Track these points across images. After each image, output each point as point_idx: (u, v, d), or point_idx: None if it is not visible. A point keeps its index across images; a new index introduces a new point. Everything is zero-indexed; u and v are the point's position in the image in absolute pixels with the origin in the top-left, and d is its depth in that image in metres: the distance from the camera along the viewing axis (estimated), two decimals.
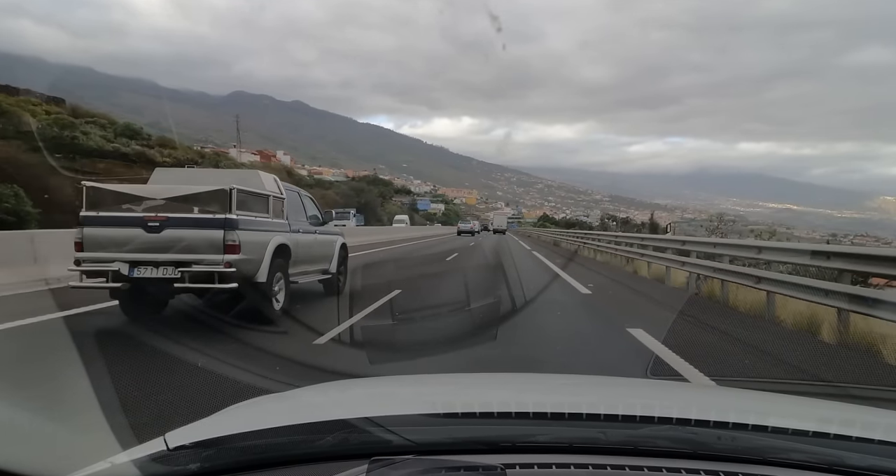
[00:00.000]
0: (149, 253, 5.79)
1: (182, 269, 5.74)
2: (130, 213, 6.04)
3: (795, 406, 1.79)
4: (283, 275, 6.85)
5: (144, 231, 5.80)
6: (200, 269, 5.77)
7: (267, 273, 6.32)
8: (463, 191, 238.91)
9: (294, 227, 7.41)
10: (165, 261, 5.77)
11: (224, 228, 5.81)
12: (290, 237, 7.11)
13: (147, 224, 5.81)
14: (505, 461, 1.08)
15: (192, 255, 5.80)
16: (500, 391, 1.82)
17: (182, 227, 5.87)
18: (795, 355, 5.43)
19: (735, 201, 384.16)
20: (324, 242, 8.48)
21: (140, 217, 5.91)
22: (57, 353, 4.84)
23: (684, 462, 1.11)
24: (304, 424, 1.25)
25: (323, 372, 4.35)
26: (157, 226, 5.79)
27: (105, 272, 5.81)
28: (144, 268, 5.80)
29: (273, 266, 6.47)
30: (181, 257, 5.78)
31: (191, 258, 5.79)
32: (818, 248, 7.01)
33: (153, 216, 5.86)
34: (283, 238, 6.85)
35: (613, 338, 6.19)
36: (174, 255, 5.77)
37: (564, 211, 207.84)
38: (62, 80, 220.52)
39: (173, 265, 5.77)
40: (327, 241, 8.65)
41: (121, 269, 5.75)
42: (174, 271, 5.75)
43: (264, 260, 6.31)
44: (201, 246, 5.82)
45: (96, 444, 1.95)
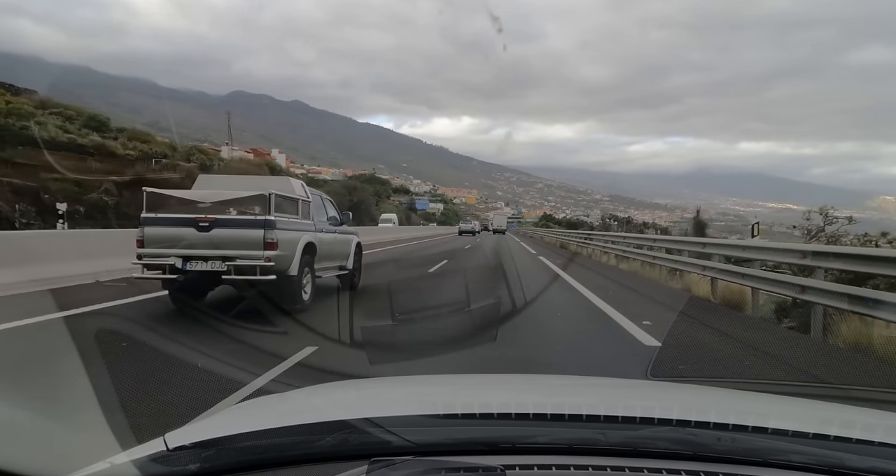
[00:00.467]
0: (199, 249, 6.62)
1: (228, 262, 6.60)
2: (184, 214, 6.80)
3: (795, 407, 1.80)
4: (310, 270, 7.65)
5: (196, 230, 6.63)
6: (244, 263, 6.62)
7: (298, 268, 7.13)
8: (463, 190, 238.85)
9: (318, 227, 8.18)
10: (214, 256, 6.63)
11: (264, 228, 6.65)
12: (316, 236, 7.88)
13: (198, 224, 6.64)
14: (504, 462, 1.08)
15: (236, 251, 6.63)
16: (499, 392, 1.82)
17: (228, 227, 6.71)
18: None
19: (735, 201, 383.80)
20: (342, 241, 9.28)
21: (192, 218, 6.70)
22: (57, 353, 4.84)
23: (684, 463, 1.11)
24: (303, 425, 1.25)
25: (323, 372, 4.35)
26: (207, 226, 6.63)
27: (162, 266, 6.68)
28: (196, 262, 6.65)
29: (302, 261, 7.27)
30: (227, 253, 6.62)
31: (236, 254, 6.63)
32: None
33: (203, 217, 6.67)
34: (310, 237, 7.64)
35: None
36: (221, 251, 6.62)
37: (564, 211, 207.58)
38: (61, 80, 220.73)
39: (220, 259, 6.62)
40: (345, 239, 9.46)
41: (175, 263, 6.61)
42: (221, 265, 6.62)
43: (296, 256, 7.13)
44: (245, 243, 6.65)
45: (96, 443, 1.95)
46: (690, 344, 5.82)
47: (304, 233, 7.49)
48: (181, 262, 6.62)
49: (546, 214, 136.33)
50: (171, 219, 6.78)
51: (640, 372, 4.61)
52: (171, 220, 6.78)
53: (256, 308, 7.12)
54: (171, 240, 6.67)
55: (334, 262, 8.92)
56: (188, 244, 6.63)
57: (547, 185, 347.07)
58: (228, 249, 6.63)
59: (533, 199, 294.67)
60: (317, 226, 8.14)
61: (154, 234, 6.72)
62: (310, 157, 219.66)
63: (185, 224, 6.68)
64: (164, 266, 6.68)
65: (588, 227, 75.17)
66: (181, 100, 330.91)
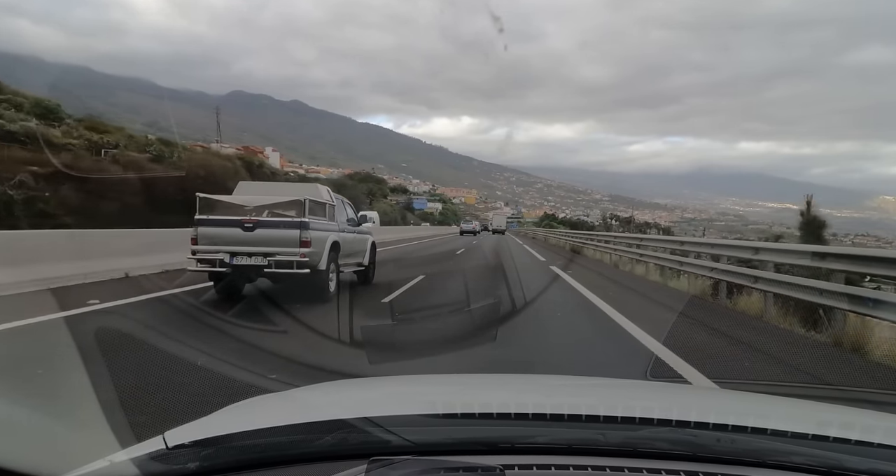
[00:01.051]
0: (244, 246, 7.64)
1: (269, 258, 7.57)
2: (231, 216, 7.84)
3: (795, 409, 1.80)
4: (335, 265, 8.62)
5: (242, 230, 7.67)
6: (283, 259, 7.58)
7: (326, 263, 8.15)
8: (462, 190, 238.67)
9: (341, 227, 9.20)
10: (257, 252, 7.64)
11: (300, 229, 7.68)
12: (340, 235, 8.90)
13: (244, 225, 7.69)
14: (504, 462, 1.08)
15: (276, 248, 7.62)
16: (499, 392, 1.82)
17: (269, 228, 7.76)
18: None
19: (735, 201, 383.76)
20: (360, 240, 10.30)
21: (238, 220, 7.76)
22: (57, 353, 4.83)
23: (683, 464, 1.11)
24: (303, 424, 1.25)
25: (322, 372, 4.35)
26: (251, 226, 7.69)
27: (213, 260, 7.63)
28: (241, 257, 7.66)
29: (329, 257, 8.27)
30: (268, 250, 7.61)
31: (276, 250, 7.61)
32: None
33: (248, 219, 7.75)
34: (336, 236, 8.68)
35: None
36: (263, 248, 7.62)
37: (564, 211, 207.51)
38: (60, 80, 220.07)
39: (262, 255, 7.60)
40: (362, 239, 10.45)
41: (224, 258, 7.60)
42: (263, 260, 7.60)
43: (324, 253, 8.13)
44: (284, 241, 7.64)
45: (95, 442, 1.95)
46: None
47: (330, 233, 8.52)
48: (229, 257, 7.62)
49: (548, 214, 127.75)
50: (220, 220, 7.84)
51: (638, 373, 4.61)
52: (220, 221, 7.84)
53: (257, 307, 7.15)
54: (221, 238, 7.70)
55: (354, 259, 9.88)
56: (234, 242, 7.66)
57: (547, 184, 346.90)
58: (269, 247, 7.63)
59: (532, 199, 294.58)
60: (340, 226, 9.17)
61: (206, 234, 7.76)
62: (309, 157, 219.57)
63: (232, 225, 7.73)
64: (214, 260, 7.65)
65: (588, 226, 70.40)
66: (180, 99, 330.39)
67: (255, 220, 7.76)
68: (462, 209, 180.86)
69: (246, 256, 7.64)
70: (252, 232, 7.65)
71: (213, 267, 7.70)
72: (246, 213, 7.89)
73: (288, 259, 7.57)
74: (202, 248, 7.74)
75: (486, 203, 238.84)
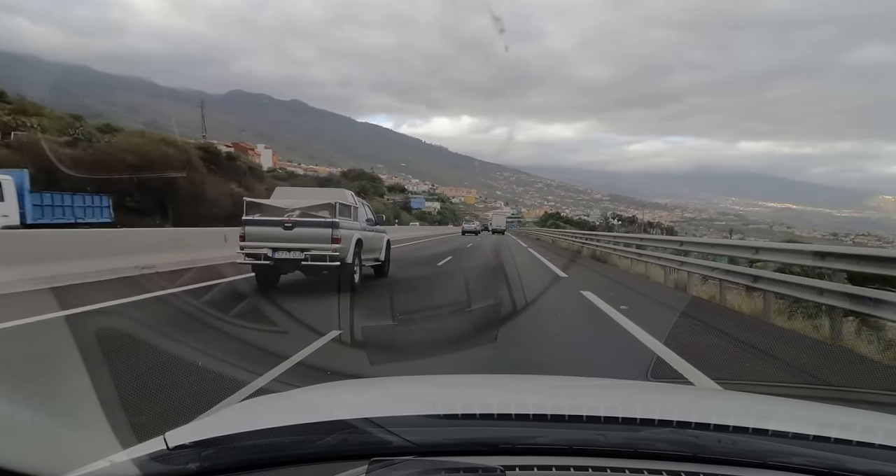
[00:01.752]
0: (284, 242, 8.83)
1: (306, 252, 8.78)
2: (273, 217, 9.04)
3: (796, 409, 1.79)
4: (359, 259, 9.74)
5: (282, 229, 8.86)
6: (317, 253, 8.79)
7: (352, 257, 9.30)
8: (462, 190, 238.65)
9: (362, 226, 10.33)
10: (295, 248, 8.83)
11: (332, 228, 8.89)
12: (362, 234, 10.05)
13: (284, 225, 8.89)
14: (504, 463, 1.08)
15: (311, 244, 8.81)
16: (499, 393, 1.82)
17: (306, 227, 8.91)
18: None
19: (734, 200, 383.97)
20: (378, 238, 11.44)
21: (280, 220, 8.94)
22: (58, 352, 4.83)
23: (684, 465, 1.11)
24: (303, 425, 1.25)
25: (323, 372, 4.34)
26: (290, 226, 8.88)
27: (258, 254, 8.83)
28: (281, 252, 8.84)
29: (354, 253, 9.39)
30: (305, 245, 8.81)
31: (311, 246, 8.80)
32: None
33: (287, 219, 8.94)
34: (359, 234, 9.83)
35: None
36: (300, 244, 8.82)
37: (564, 210, 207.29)
38: (59, 79, 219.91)
39: (300, 250, 8.82)
40: (379, 237, 11.61)
41: (267, 253, 8.80)
42: (300, 254, 8.81)
43: (351, 248, 9.28)
44: (318, 238, 8.83)
45: (96, 442, 1.95)
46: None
47: (355, 231, 9.66)
48: (271, 251, 8.82)
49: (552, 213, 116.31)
50: (264, 221, 9.02)
51: (639, 374, 4.60)
52: (264, 221, 9.01)
53: (257, 308, 7.15)
54: (264, 236, 8.88)
55: (373, 254, 11.04)
56: (276, 239, 8.83)
57: (546, 184, 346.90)
58: (306, 243, 8.82)
59: (532, 198, 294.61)
60: (361, 226, 10.33)
61: (252, 232, 8.94)
62: (308, 157, 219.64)
63: (274, 225, 8.90)
64: (259, 254, 8.83)
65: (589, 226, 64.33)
66: (180, 99, 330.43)
67: (293, 220, 8.95)
68: (462, 209, 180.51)
69: (285, 251, 8.86)
70: (291, 230, 8.87)
71: (258, 260, 8.89)
72: (285, 214, 9.08)
73: (321, 253, 8.80)
74: (249, 244, 8.93)
75: (485, 202, 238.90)
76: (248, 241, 8.92)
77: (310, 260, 8.79)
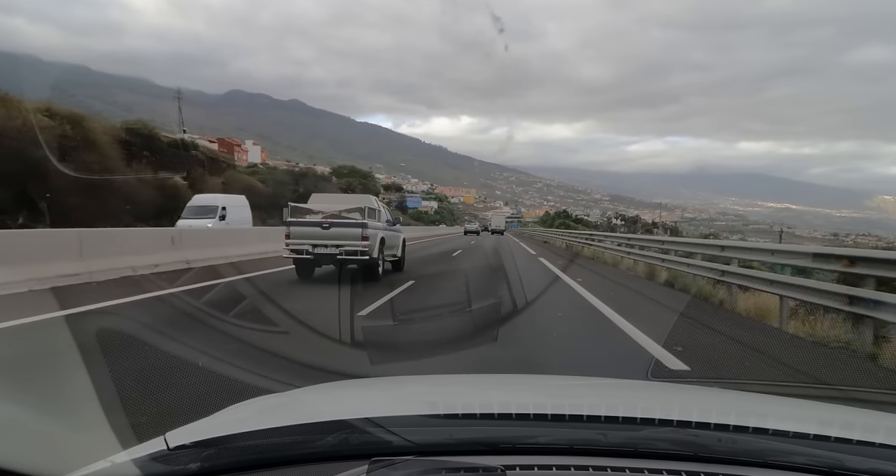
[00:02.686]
0: (322, 240, 10.58)
1: (340, 248, 10.48)
2: (312, 219, 10.88)
3: (796, 409, 1.80)
4: (382, 255, 11.43)
5: (320, 229, 10.64)
6: (350, 249, 10.48)
7: (377, 252, 11.03)
8: (461, 190, 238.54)
9: (384, 226, 11.95)
10: (331, 244, 10.55)
11: (361, 228, 10.59)
12: (384, 233, 11.72)
13: (322, 225, 10.67)
14: (505, 462, 1.08)
15: (344, 241, 10.52)
16: (500, 392, 1.82)
17: (340, 227, 10.65)
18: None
19: (734, 201, 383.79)
20: (396, 237, 13.07)
21: (318, 221, 10.75)
22: (57, 351, 4.83)
23: (685, 464, 1.11)
24: (304, 425, 1.25)
25: (323, 372, 4.34)
26: (328, 226, 10.66)
27: (300, 250, 10.56)
28: (320, 247, 10.57)
29: (379, 249, 11.10)
30: (339, 242, 10.52)
31: (344, 243, 10.51)
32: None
33: (325, 221, 10.75)
34: (382, 233, 11.52)
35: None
36: (335, 241, 10.54)
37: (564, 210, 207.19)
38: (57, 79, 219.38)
39: (335, 246, 10.51)
40: (397, 235, 13.26)
41: (308, 248, 10.54)
42: (336, 250, 10.50)
43: (376, 245, 10.98)
44: (350, 237, 10.53)
45: (96, 442, 1.95)
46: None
47: (379, 231, 11.32)
48: (311, 247, 10.53)
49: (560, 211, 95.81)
50: (306, 222, 10.79)
51: (639, 373, 4.61)
52: (305, 223, 10.79)
53: (258, 308, 7.15)
54: (305, 234, 10.62)
55: (392, 251, 12.59)
56: (315, 237, 10.58)
57: (546, 184, 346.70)
58: (340, 240, 10.52)
59: (532, 198, 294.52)
60: (383, 226, 11.95)
61: (296, 231, 10.66)
62: (307, 156, 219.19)
63: (314, 225, 10.70)
64: (301, 250, 10.54)
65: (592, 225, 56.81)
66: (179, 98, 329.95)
67: (330, 221, 10.71)
68: (461, 209, 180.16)
69: (323, 247, 10.56)
70: (328, 230, 10.62)
71: (301, 255, 10.57)
72: (324, 217, 10.91)
73: (353, 249, 10.48)
74: (293, 241, 10.61)
75: (485, 202, 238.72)
76: (292, 238, 10.62)
77: (344, 254, 10.48)
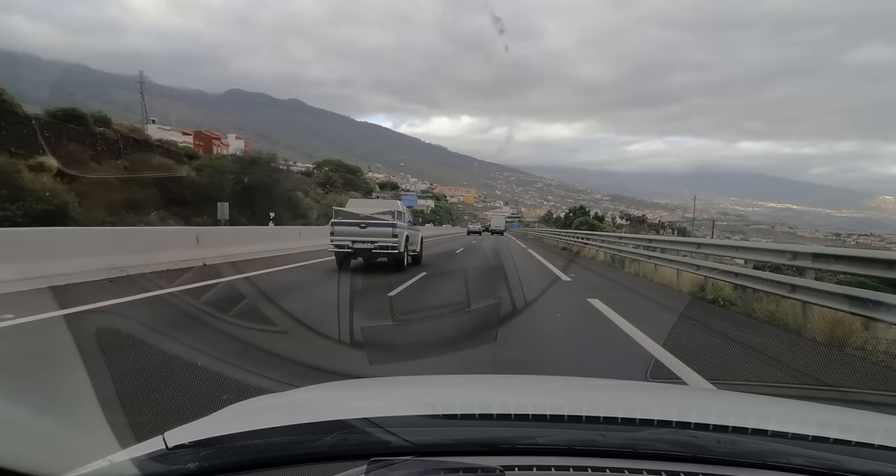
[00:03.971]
0: (360, 237, 12.92)
1: (374, 244, 12.87)
2: (352, 220, 13.20)
3: (795, 410, 1.79)
4: (406, 250, 13.79)
5: (359, 228, 12.95)
6: (382, 244, 12.87)
7: (403, 247, 13.38)
8: (461, 189, 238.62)
9: (407, 226, 14.18)
10: (367, 240, 12.89)
11: (391, 227, 12.95)
12: (407, 231, 14.01)
13: (360, 225, 12.97)
14: (504, 463, 1.08)
15: (378, 238, 12.87)
16: (499, 393, 1.82)
17: (375, 227, 12.95)
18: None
19: (734, 201, 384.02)
20: (416, 235, 15.64)
21: (357, 222, 13.06)
22: (56, 350, 4.82)
23: (684, 465, 1.11)
24: (303, 425, 1.25)
25: (323, 372, 4.34)
26: (364, 226, 12.94)
27: (343, 245, 13.00)
28: (358, 243, 12.94)
29: (404, 245, 13.44)
30: (373, 239, 12.88)
31: (377, 240, 12.87)
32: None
33: (362, 221, 13.02)
34: (406, 231, 13.82)
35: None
36: (371, 238, 12.88)
37: (564, 210, 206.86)
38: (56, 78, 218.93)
39: (370, 242, 12.88)
40: (417, 234, 15.86)
41: (349, 244, 12.96)
42: (371, 245, 12.89)
43: (403, 242, 13.30)
44: (382, 235, 12.90)
45: (95, 442, 1.95)
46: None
47: (404, 230, 13.56)
48: (351, 243, 12.97)
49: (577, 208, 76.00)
50: (347, 223, 13.14)
51: (638, 374, 4.61)
52: (347, 223, 13.12)
53: (257, 308, 7.16)
54: (347, 233, 13.00)
55: (413, 247, 14.85)
56: (354, 234, 12.97)
57: (546, 184, 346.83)
58: (374, 238, 12.89)
59: (532, 198, 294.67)
60: (407, 226, 14.20)
61: (339, 230, 13.00)
62: (307, 156, 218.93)
63: (353, 225, 13.04)
64: (343, 245, 13.02)
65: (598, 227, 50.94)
66: (177, 98, 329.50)
67: (366, 222, 13.00)
68: (460, 208, 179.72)
69: (361, 243, 12.93)
70: (365, 229, 12.93)
71: (343, 249, 13.07)
72: (361, 218, 13.18)
73: (385, 244, 12.88)
74: (336, 238, 12.99)
75: (485, 202, 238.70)
76: (336, 236, 13.02)
77: (377, 249, 12.91)
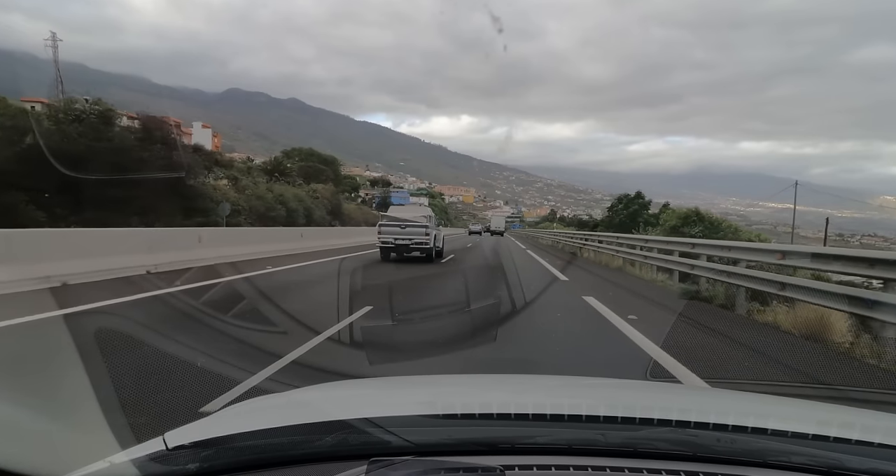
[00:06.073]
0: (401, 236, 16.60)
1: (411, 241, 16.57)
2: (395, 222, 16.82)
3: (795, 409, 1.79)
4: (434, 247, 17.32)
5: (400, 229, 16.65)
6: (417, 241, 16.58)
7: (433, 244, 17.01)
8: (461, 189, 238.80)
9: (434, 227, 17.66)
10: (406, 238, 16.58)
11: (425, 228, 16.65)
12: (434, 231, 17.45)
13: (401, 226, 16.66)
14: (504, 462, 1.08)
15: (414, 237, 16.55)
16: (499, 392, 1.81)
17: (412, 227, 16.62)
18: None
19: (735, 200, 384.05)
20: (440, 234, 18.98)
21: (399, 224, 16.73)
22: (57, 349, 4.82)
23: (684, 464, 1.11)
24: (303, 425, 1.25)
25: (323, 372, 4.34)
26: (404, 227, 16.64)
27: (387, 241, 16.68)
28: (400, 240, 16.59)
29: (433, 242, 17.04)
30: (411, 237, 16.56)
31: (414, 238, 16.56)
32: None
33: (403, 223, 16.71)
34: (435, 231, 17.48)
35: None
36: (409, 236, 16.58)
37: (564, 210, 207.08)
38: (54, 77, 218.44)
39: (409, 240, 16.56)
40: (440, 233, 19.12)
41: (392, 241, 16.63)
42: (409, 242, 16.59)
43: (432, 240, 16.92)
44: (418, 234, 16.58)
45: (95, 442, 1.95)
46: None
47: (432, 229, 17.10)
48: (394, 240, 16.57)
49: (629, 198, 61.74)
50: (390, 224, 16.78)
51: (638, 373, 4.61)
52: (391, 225, 16.76)
53: (257, 308, 7.16)
54: (391, 232, 16.63)
55: (437, 244, 18.11)
56: (396, 234, 16.57)
57: (546, 184, 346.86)
58: (412, 236, 16.50)
59: (532, 198, 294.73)
60: (434, 227, 17.83)
61: (385, 230, 16.66)
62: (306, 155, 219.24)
63: (396, 226, 16.66)
64: (388, 242, 16.64)
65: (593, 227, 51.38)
66: (177, 97, 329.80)
67: (405, 224, 16.60)
68: (459, 208, 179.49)
69: (401, 240, 16.54)
70: (404, 229, 16.56)
71: (388, 245, 16.64)
72: (402, 221, 16.75)
73: (420, 240, 16.53)
74: (382, 236, 16.62)
75: (484, 202, 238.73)
76: (382, 235, 16.65)
77: (414, 245, 16.55)
